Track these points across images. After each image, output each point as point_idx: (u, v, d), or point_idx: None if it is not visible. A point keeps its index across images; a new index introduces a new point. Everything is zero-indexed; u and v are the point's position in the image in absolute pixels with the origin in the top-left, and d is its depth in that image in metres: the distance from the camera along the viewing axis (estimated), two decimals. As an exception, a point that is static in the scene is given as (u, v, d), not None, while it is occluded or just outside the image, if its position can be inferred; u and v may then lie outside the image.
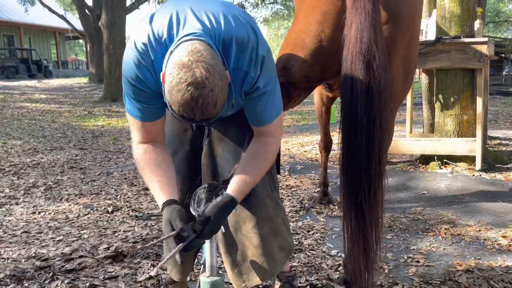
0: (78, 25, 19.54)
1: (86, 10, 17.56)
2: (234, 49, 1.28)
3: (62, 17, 19.58)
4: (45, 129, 7.62)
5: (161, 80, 1.20)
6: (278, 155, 1.80)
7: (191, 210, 1.42)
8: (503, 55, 14.87)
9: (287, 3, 23.13)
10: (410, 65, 1.95)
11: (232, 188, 1.39)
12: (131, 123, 1.42)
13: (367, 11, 1.58)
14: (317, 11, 1.80)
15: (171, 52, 1.20)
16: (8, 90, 15.06)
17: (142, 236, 2.71)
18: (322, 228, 2.81)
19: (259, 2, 22.31)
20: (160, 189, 1.38)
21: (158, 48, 1.26)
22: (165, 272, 2.11)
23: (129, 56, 1.29)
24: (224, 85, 1.17)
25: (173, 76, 1.13)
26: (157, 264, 2.29)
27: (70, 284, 2.10)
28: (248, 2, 22.89)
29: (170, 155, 1.51)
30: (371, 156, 1.63)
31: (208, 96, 1.13)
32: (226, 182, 1.46)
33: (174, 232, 1.28)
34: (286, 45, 1.99)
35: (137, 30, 1.31)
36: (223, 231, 1.49)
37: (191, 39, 1.20)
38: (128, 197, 3.61)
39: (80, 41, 35.42)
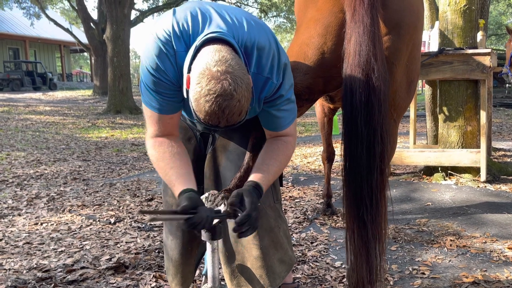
0: (83, 38, 19.76)
1: (91, 24, 17.78)
2: (255, 55, 1.29)
3: (67, 30, 19.80)
4: (48, 141, 7.65)
5: (185, 83, 1.19)
6: None
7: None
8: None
9: (290, 17, 23.32)
10: (413, 74, 1.95)
11: (254, 175, 1.36)
12: (148, 116, 1.38)
13: (365, 24, 1.60)
14: (319, 24, 1.81)
15: (196, 48, 1.20)
16: (13, 102, 15.18)
17: (144, 247, 2.69)
18: (325, 239, 2.79)
19: (262, 16, 22.50)
20: (176, 178, 1.33)
21: (182, 41, 1.26)
22: (167, 284, 2.09)
23: (151, 45, 1.27)
24: (249, 95, 1.18)
25: (201, 86, 1.13)
26: (159, 274, 2.27)
27: (71, 296, 2.09)
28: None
29: (185, 149, 1.45)
30: (372, 168, 1.62)
31: (235, 106, 1.14)
32: (228, 191, 1.45)
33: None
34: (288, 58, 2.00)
35: (160, 21, 1.30)
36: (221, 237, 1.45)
37: (216, 38, 1.20)
38: (131, 208, 3.60)
39: (85, 54, 35.77)
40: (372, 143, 1.61)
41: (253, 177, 1.37)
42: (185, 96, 1.24)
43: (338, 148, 2.12)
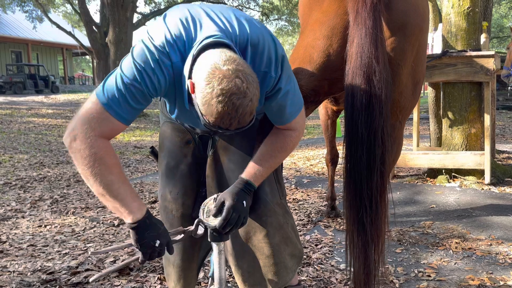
0: (85, 41, 19.76)
1: (94, 27, 17.78)
2: (250, 51, 1.27)
3: (69, 33, 19.81)
4: (51, 143, 7.66)
5: (189, 89, 1.16)
6: (281, 165, 1.78)
7: (200, 221, 1.41)
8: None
9: (292, 20, 23.32)
10: (418, 76, 1.95)
11: (246, 172, 1.39)
12: (96, 112, 1.22)
13: (367, 27, 1.60)
14: (325, 26, 1.81)
15: (194, 57, 1.17)
16: (15, 105, 15.19)
17: (149, 249, 2.68)
18: (330, 242, 2.78)
19: (264, 19, 22.53)
20: (134, 197, 1.26)
21: (177, 51, 1.22)
22: (172, 286, 2.08)
23: (147, 53, 1.20)
24: (259, 94, 1.17)
25: (213, 86, 1.09)
26: (163, 277, 2.26)
27: (76, 298, 2.08)
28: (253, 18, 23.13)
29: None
30: (373, 170, 1.61)
31: (247, 106, 1.12)
32: None
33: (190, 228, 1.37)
34: (293, 60, 2.00)
35: (153, 31, 1.24)
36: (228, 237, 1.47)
37: (214, 42, 1.18)
38: (134, 211, 3.58)
39: (87, 57, 35.88)
40: (372, 145, 1.61)
41: (245, 173, 1.39)
42: (188, 102, 1.22)
43: (341, 151, 2.12)
